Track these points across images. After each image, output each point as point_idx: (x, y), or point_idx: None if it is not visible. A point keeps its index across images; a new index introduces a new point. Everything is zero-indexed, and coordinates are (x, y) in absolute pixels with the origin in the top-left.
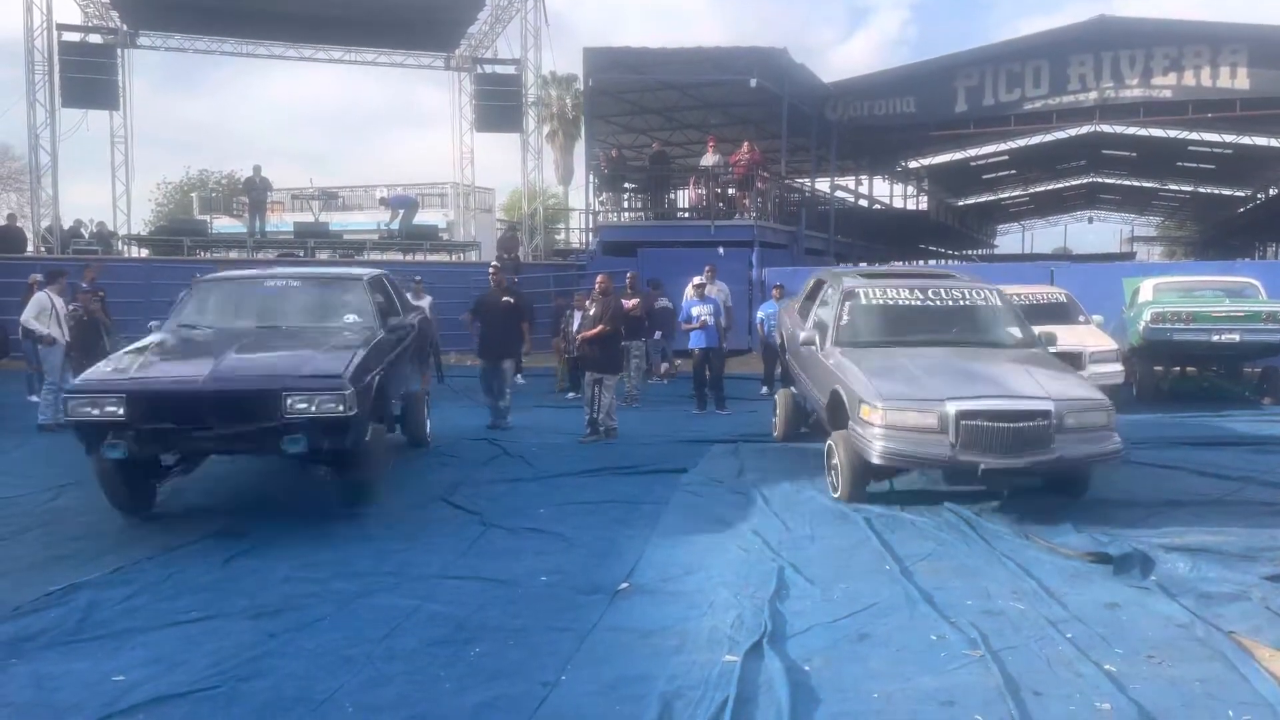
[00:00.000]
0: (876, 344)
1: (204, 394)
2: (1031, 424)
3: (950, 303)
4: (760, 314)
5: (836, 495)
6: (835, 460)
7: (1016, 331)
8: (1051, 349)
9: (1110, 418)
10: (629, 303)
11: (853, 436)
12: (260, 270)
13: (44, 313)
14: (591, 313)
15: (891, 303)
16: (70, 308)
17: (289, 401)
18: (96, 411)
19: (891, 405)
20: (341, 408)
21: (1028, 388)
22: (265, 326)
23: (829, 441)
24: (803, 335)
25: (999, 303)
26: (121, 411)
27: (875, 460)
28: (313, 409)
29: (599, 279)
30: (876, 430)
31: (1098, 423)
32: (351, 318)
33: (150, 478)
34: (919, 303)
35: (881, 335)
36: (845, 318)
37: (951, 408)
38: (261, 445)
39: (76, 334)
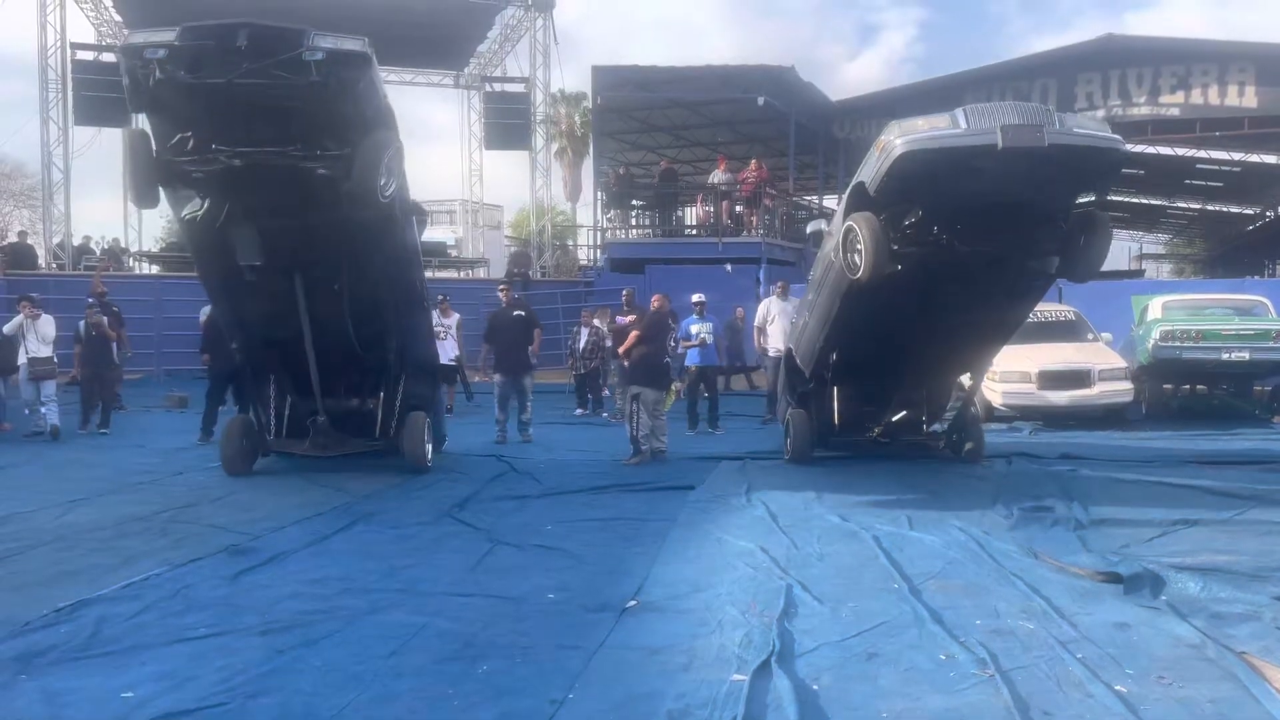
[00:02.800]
0: None
1: (244, 25)
2: None
3: None
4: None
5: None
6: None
7: None
8: (1059, 366)
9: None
10: (625, 319)
11: None
12: None
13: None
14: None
15: None
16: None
17: (313, 37)
18: (150, 37)
19: None
20: (362, 45)
21: None
22: None
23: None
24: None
25: None
26: (173, 35)
27: None
28: (335, 45)
29: (625, 292)
30: None
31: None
32: None
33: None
34: None
35: None
36: None
37: None
38: (288, 71)
39: (85, 351)
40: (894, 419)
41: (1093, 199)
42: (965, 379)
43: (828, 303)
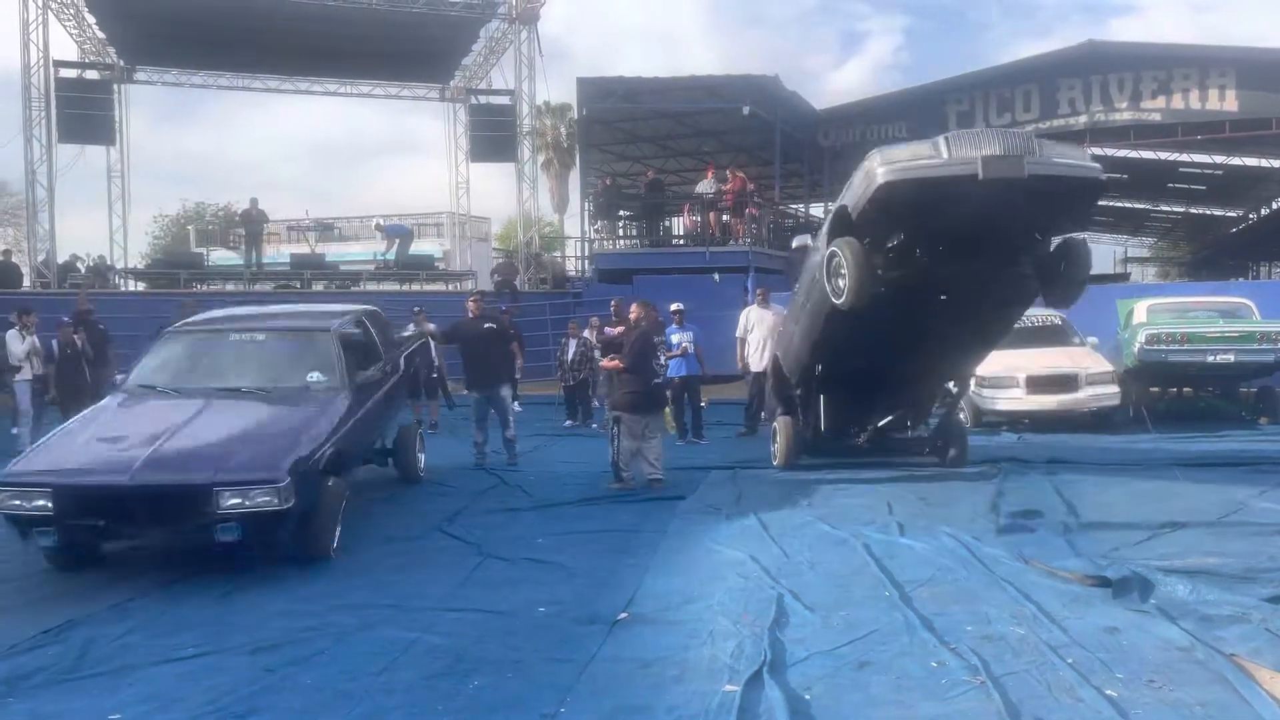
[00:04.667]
0: None
1: (132, 490)
2: None
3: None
4: (675, 338)
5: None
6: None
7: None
8: (1047, 371)
9: None
10: (614, 330)
11: None
12: (226, 321)
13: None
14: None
15: None
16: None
17: (221, 498)
18: (26, 505)
19: None
20: (276, 501)
21: None
22: (222, 389)
23: None
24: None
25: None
26: (50, 506)
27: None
28: (246, 504)
29: (613, 303)
30: None
31: None
32: (316, 376)
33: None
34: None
35: None
36: None
37: None
38: (194, 537)
39: (60, 369)
40: (879, 425)
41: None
42: (951, 385)
43: (812, 319)
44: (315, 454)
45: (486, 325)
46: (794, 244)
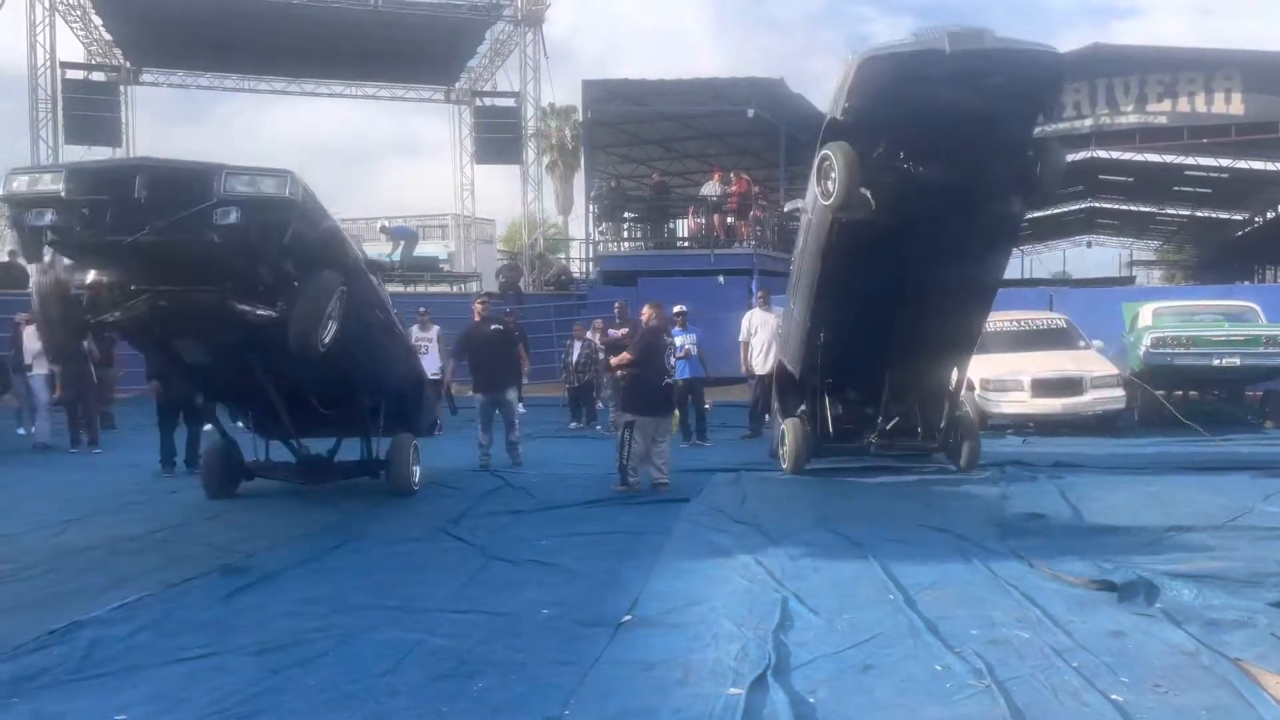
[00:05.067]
0: None
1: (141, 166)
2: None
3: None
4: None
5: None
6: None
7: None
8: (1052, 374)
9: None
10: (618, 332)
11: None
12: None
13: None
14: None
15: None
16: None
17: (227, 180)
18: (33, 186)
19: None
20: (286, 190)
21: None
22: None
23: None
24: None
25: None
26: (60, 186)
27: None
28: (252, 190)
29: (617, 305)
30: None
31: None
32: None
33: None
34: None
35: None
36: None
37: None
38: (194, 227)
39: (66, 370)
40: (888, 427)
41: (1044, 123)
42: (952, 375)
43: (810, 268)
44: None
45: (494, 328)
46: (786, 207)
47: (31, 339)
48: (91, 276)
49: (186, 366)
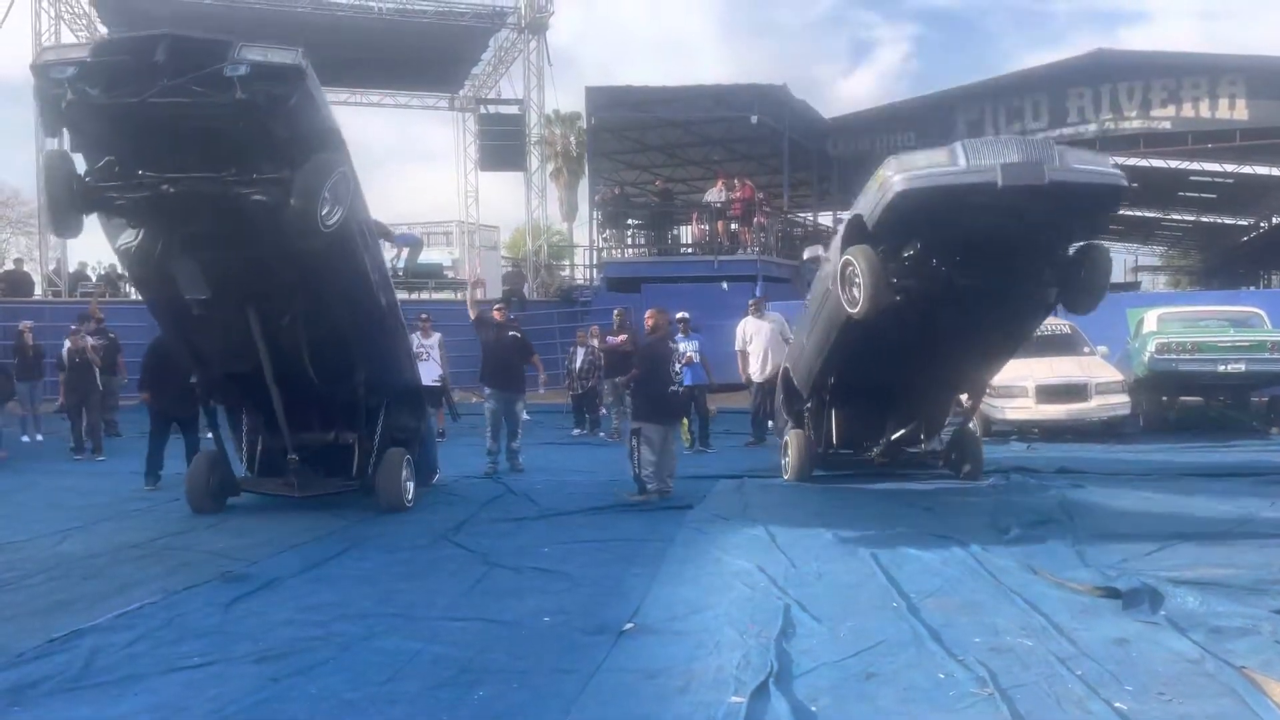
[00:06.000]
0: None
1: (164, 35)
2: None
3: None
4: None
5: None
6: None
7: None
8: (1056, 380)
9: None
10: (616, 339)
11: None
12: None
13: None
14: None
15: None
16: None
17: (241, 49)
18: (61, 55)
19: None
20: (295, 58)
21: None
22: None
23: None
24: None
25: None
26: (86, 53)
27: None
28: (263, 57)
29: (647, 315)
30: None
31: None
32: None
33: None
34: None
35: None
36: None
37: None
38: (206, 86)
39: (69, 377)
40: (893, 438)
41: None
42: (964, 397)
43: (825, 330)
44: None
45: (511, 334)
46: (805, 255)
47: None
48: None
49: (180, 329)
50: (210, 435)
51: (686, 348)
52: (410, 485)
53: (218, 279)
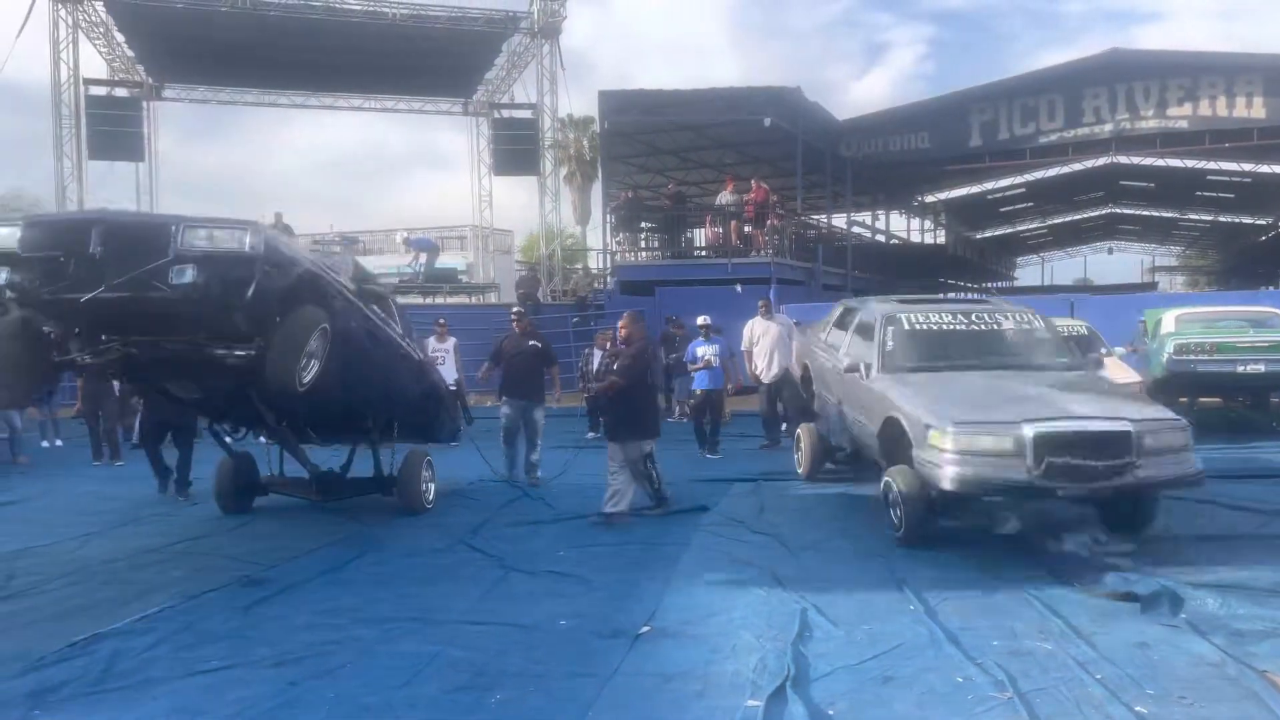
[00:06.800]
0: (927, 369)
1: (97, 221)
2: (1113, 446)
3: (994, 327)
4: (700, 351)
5: (899, 536)
6: (895, 495)
7: (1061, 355)
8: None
9: (1188, 439)
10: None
11: (919, 466)
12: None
13: None
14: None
15: (936, 327)
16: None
17: (184, 234)
18: None
19: (963, 429)
20: (245, 244)
21: (1098, 409)
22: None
23: (885, 478)
24: (845, 363)
25: (1041, 326)
26: (15, 244)
27: (947, 487)
28: (210, 245)
29: (621, 323)
30: (948, 456)
31: (1176, 444)
32: None
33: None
34: (963, 326)
35: (930, 360)
36: (890, 343)
37: (1028, 431)
38: (151, 284)
39: (86, 385)
40: None
41: None
42: None
43: (850, 392)
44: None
45: (530, 343)
46: (843, 368)
47: None
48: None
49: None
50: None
51: (706, 351)
52: (431, 486)
53: (206, 386)
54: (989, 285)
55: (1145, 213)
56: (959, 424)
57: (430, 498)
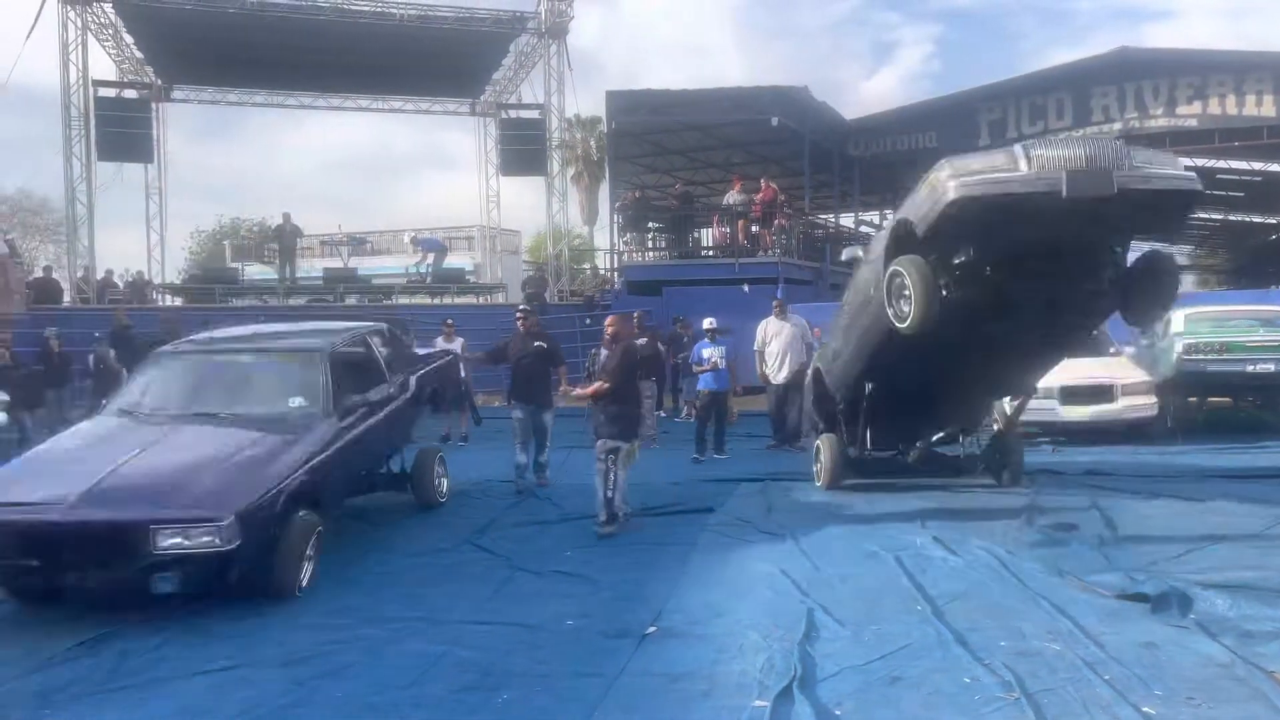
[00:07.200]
0: None
1: (63, 526)
2: None
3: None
4: (706, 353)
5: None
6: None
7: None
8: (1082, 382)
9: None
10: (638, 342)
11: None
12: (215, 342)
13: None
14: (601, 363)
15: None
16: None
17: (159, 538)
18: None
19: None
20: (219, 542)
21: None
22: (199, 414)
23: None
24: None
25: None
26: None
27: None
28: (187, 544)
29: (608, 321)
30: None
31: None
32: (298, 400)
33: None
34: None
35: None
36: None
37: None
38: (134, 581)
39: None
40: (931, 439)
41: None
42: (1008, 400)
43: (864, 337)
44: (278, 487)
45: (536, 344)
46: (844, 255)
47: None
48: None
49: None
50: None
51: (711, 353)
52: (444, 480)
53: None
54: None
55: None
56: None
57: (444, 492)
